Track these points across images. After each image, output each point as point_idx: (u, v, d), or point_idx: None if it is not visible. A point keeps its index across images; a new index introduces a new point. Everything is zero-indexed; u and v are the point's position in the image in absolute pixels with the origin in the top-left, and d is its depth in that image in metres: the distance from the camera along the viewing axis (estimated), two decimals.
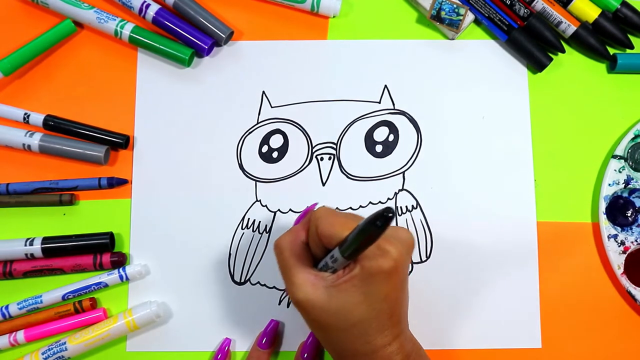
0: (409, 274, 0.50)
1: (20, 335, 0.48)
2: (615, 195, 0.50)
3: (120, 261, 0.49)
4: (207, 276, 0.50)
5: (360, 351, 0.38)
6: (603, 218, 0.49)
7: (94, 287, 0.49)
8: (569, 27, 0.51)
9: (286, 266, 0.39)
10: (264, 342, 0.48)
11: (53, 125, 0.51)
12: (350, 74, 0.53)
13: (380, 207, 0.50)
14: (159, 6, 0.53)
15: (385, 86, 0.53)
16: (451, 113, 0.52)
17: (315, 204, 0.50)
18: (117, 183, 0.51)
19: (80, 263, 0.49)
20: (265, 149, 0.52)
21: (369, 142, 0.52)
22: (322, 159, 0.52)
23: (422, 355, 0.41)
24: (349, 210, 0.51)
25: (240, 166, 0.52)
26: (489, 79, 0.53)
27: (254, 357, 0.48)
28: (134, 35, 0.52)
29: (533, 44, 0.51)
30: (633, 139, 0.51)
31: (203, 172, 0.52)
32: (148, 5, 0.52)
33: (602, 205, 0.50)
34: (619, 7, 0.52)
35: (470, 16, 0.52)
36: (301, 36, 0.54)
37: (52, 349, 0.47)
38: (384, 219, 0.32)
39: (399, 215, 0.51)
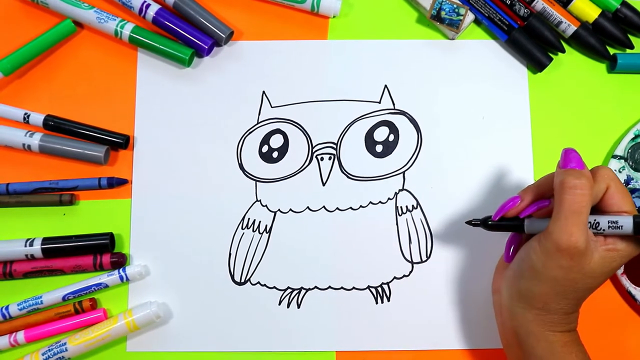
0: (409, 274, 0.50)
1: (21, 335, 0.48)
2: None
3: (120, 262, 0.49)
4: (207, 276, 0.50)
5: (569, 310, 0.41)
6: None
7: (94, 288, 0.49)
8: (569, 27, 0.51)
9: (582, 207, 0.38)
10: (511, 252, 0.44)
11: (53, 125, 0.51)
12: (350, 74, 0.53)
13: (381, 207, 0.50)
14: (159, 6, 0.53)
15: (386, 86, 0.53)
16: (451, 113, 0.52)
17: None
18: (117, 183, 0.51)
19: (80, 264, 0.49)
20: (265, 149, 0.52)
21: (369, 142, 0.52)
22: (322, 159, 0.51)
23: None
24: (349, 211, 0.50)
25: (241, 166, 0.52)
26: (489, 79, 0.53)
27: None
28: (134, 35, 0.52)
29: (533, 44, 0.51)
30: (633, 139, 0.51)
31: (203, 172, 0.52)
32: (148, 5, 0.52)
33: None
34: (619, 7, 0.52)
35: (470, 16, 0.52)
36: (301, 36, 0.54)
37: (52, 349, 0.47)
38: None
39: (399, 216, 0.51)
